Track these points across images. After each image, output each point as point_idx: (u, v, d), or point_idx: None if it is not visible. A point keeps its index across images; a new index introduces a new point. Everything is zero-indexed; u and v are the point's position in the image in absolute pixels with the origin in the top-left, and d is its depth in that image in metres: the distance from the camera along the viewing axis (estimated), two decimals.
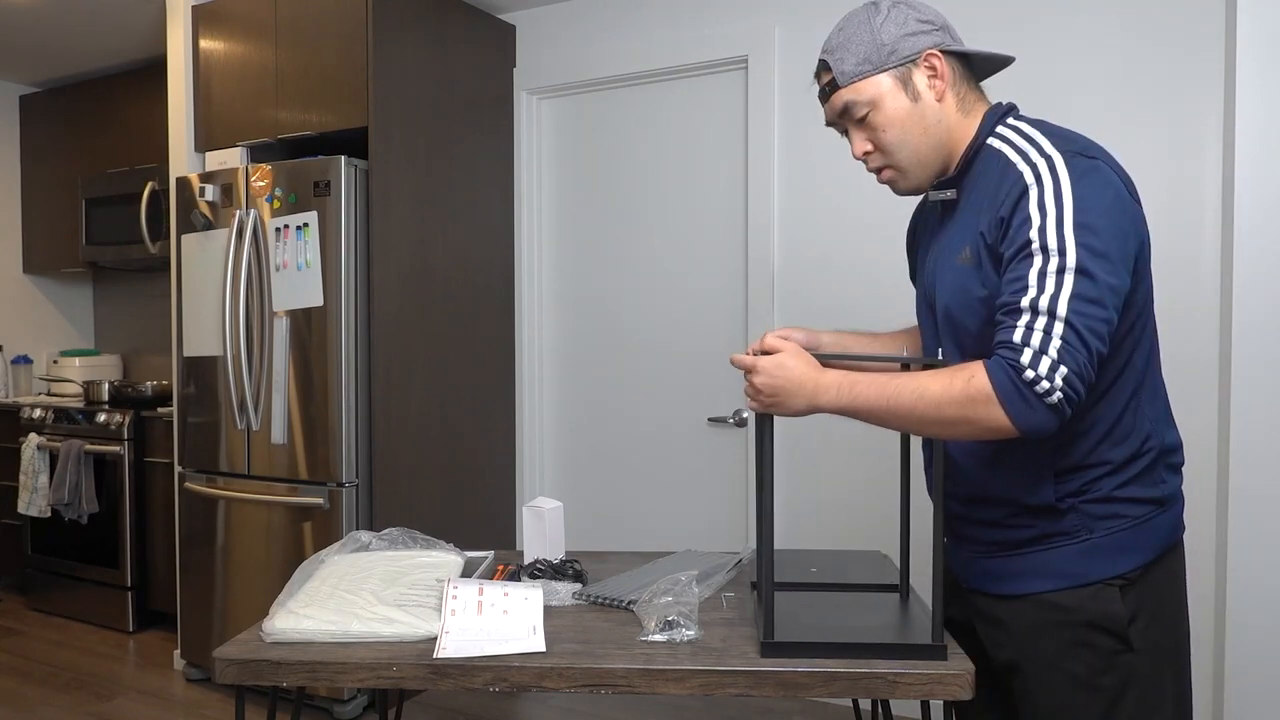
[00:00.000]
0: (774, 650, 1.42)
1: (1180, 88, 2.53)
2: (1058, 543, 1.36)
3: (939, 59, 1.39)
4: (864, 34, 1.40)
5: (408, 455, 3.12)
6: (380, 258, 3.00)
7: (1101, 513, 1.34)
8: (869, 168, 1.48)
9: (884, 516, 2.92)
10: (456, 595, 1.55)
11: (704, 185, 3.26)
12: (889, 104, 1.40)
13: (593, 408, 3.52)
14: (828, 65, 1.44)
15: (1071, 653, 1.34)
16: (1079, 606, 1.34)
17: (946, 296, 1.41)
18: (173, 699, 3.20)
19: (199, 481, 3.25)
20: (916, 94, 1.40)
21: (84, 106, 4.41)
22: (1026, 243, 1.25)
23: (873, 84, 1.40)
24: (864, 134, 1.44)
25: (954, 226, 1.42)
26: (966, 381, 1.24)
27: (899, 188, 1.48)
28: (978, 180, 1.38)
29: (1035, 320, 1.22)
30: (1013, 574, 1.40)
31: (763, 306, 3.10)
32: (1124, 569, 1.34)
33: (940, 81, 1.40)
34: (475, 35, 3.39)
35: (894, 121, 1.40)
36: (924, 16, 1.40)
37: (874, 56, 1.39)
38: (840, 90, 1.42)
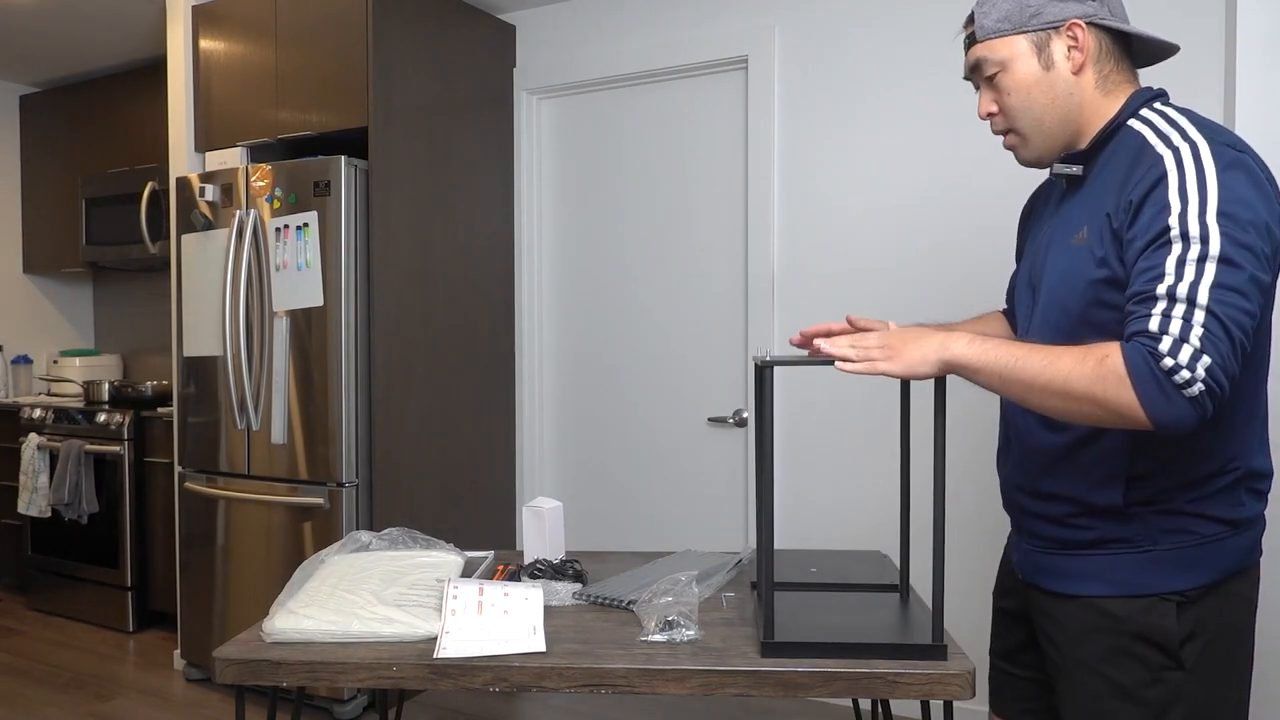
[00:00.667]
0: (774, 650, 1.42)
1: (1180, 88, 2.53)
2: (1117, 549, 1.32)
3: (1083, 30, 1.34)
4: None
5: (408, 455, 3.12)
6: (380, 258, 3.00)
7: (1169, 526, 1.30)
8: (994, 130, 1.45)
9: (884, 516, 2.93)
10: (456, 595, 1.55)
11: (704, 185, 3.26)
12: (1019, 67, 1.37)
13: (593, 407, 3.52)
14: (972, 18, 1.42)
15: (1114, 660, 1.31)
16: (1129, 616, 1.31)
17: (1054, 276, 1.37)
18: (173, 699, 3.20)
19: (199, 481, 3.25)
20: (1051, 62, 1.36)
21: (84, 106, 4.42)
22: (1164, 230, 1.19)
23: (1007, 44, 1.37)
24: (991, 94, 1.42)
25: (1076, 205, 1.37)
26: (1100, 360, 1.18)
27: (1020, 155, 1.45)
28: (1110, 160, 1.33)
29: (1173, 308, 1.16)
30: (1070, 574, 1.38)
31: (762, 306, 3.10)
32: (1184, 586, 1.29)
33: (1080, 53, 1.35)
34: (475, 35, 3.39)
35: (1020, 86, 1.38)
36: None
37: (1015, 16, 1.36)
38: (977, 45, 1.41)
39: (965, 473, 2.75)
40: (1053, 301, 1.37)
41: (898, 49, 2.89)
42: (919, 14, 2.86)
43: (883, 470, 2.94)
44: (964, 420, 2.74)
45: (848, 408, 3.00)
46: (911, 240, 2.89)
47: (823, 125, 3.02)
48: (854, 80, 2.96)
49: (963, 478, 2.78)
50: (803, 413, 3.07)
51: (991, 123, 1.44)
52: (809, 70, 3.03)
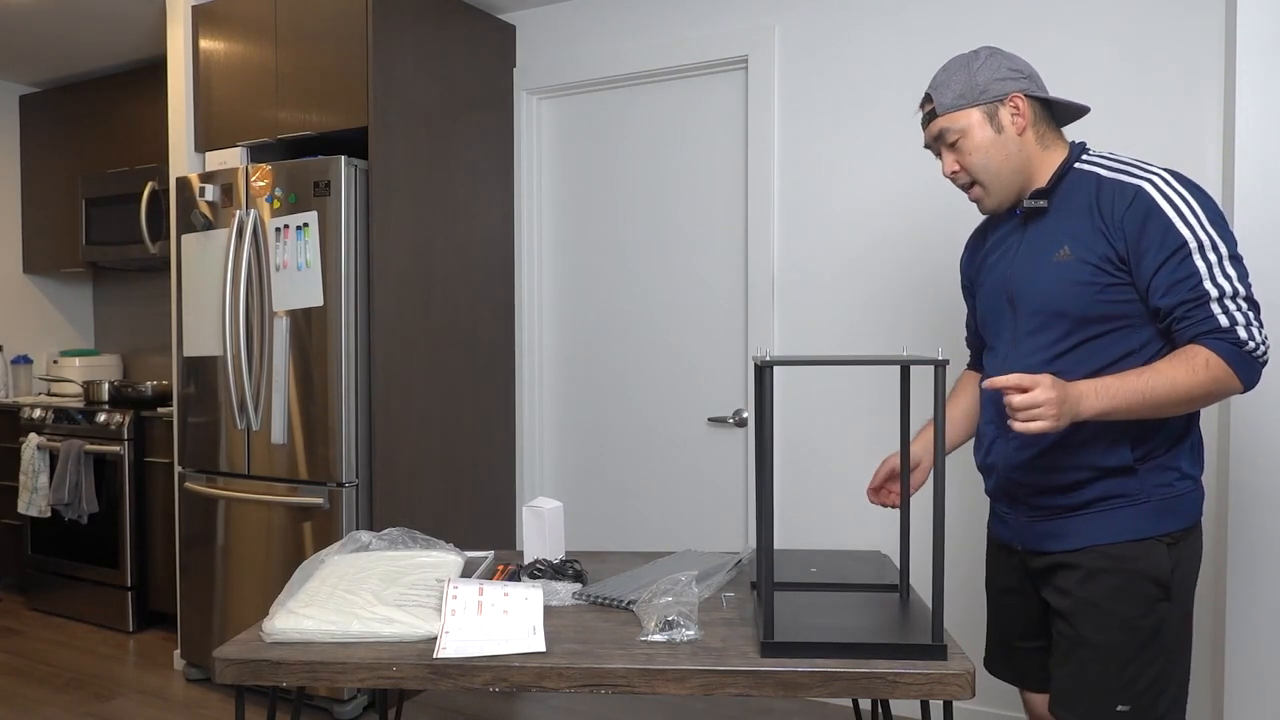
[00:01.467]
0: (774, 650, 1.42)
1: (1180, 88, 2.53)
2: (1119, 504, 1.60)
3: (1022, 100, 1.66)
4: (962, 75, 1.68)
5: (408, 455, 3.12)
6: (380, 258, 3.00)
7: (1158, 480, 1.60)
8: (957, 184, 1.74)
9: (884, 516, 2.93)
10: (456, 595, 1.56)
11: (704, 185, 3.26)
12: (976, 133, 1.67)
13: (593, 407, 3.52)
14: (930, 97, 1.72)
15: (1120, 596, 1.58)
16: (1133, 556, 1.58)
17: (1042, 289, 1.64)
18: (173, 699, 3.20)
19: (199, 481, 3.25)
20: (1001, 127, 1.67)
21: (84, 106, 4.42)
22: (1181, 245, 1.52)
23: (965, 115, 1.68)
24: (954, 156, 1.71)
25: (1042, 231, 1.67)
26: (1206, 365, 1.50)
27: (984, 205, 1.74)
28: (1070, 194, 1.65)
29: (1228, 303, 1.50)
30: (1076, 531, 1.63)
31: (762, 306, 3.10)
32: (1171, 529, 1.59)
33: (1021, 119, 1.66)
34: (475, 35, 3.39)
35: (979, 147, 1.68)
36: (1014, 65, 1.68)
37: (968, 94, 1.67)
38: (938, 119, 1.70)
39: (965, 472, 2.75)
40: (1044, 309, 1.65)
41: (897, 49, 2.89)
42: (918, 14, 2.86)
43: None
44: None
45: (848, 407, 3.00)
46: (911, 240, 2.89)
47: (823, 125, 3.02)
48: (854, 80, 2.96)
49: (962, 477, 2.78)
50: (803, 413, 3.07)
51: (955, 179, 1.73)
52: (809, 70, 3.03)
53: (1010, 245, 1.74)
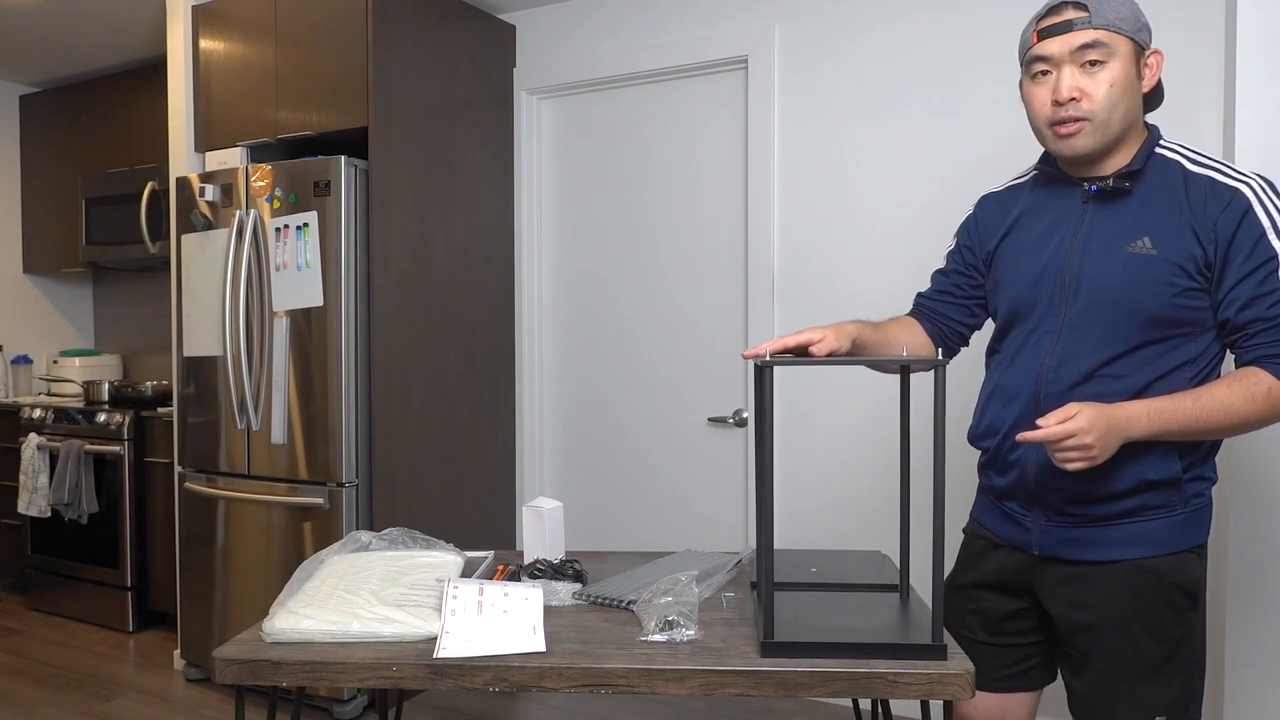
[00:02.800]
0: (774, 650, 1.42)
1: (1181, 88, 2.53)
2: (1154, 515, 1.53)
3: (1158, 59, 1.54)
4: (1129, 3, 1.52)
5: (408, 455, 3.12)
6: (380, 258, 3.00)
7: (1192, 490, 1.54)
8: (1066, 114, 1.52)
9: (884, 516, 2.93)
10: (456, 595, 1.55)
11: (704, 185, 3.26)
12: (1121, 65, 1.49)
13: (593, 407, 3.52)
14: (1083, 4, 1.50)
15: (1155, 610, 1.52)
16: (1169, 570, 1.52)
17: (1114, 279, 1.51)
18: (173, 699, 3.20)
19: (199, 481, 3.25)
20: (1139, 73, 1.52)
21: (84, 106, 4.41)
22: (1270, 258, 1.43)
23: (1123, 41, 1.50)
24: (1084, 78, 1.50)
25: (1119, 217, 1.53)
26: (1267, 392, 1.44)
27: (1078, 142, 1.53)
28: (1153, 182, 1.52)
29: None
30: (1108, 542, 1.55)
31: (763, 306, 3.10)
32: (1203, 539, 1.56)
33: (1152, 79, 1.54)
34: (475, 35, 3.39)
35: (1117, 80, 1.49)
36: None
37: (1130, 21, 1.50)
38: (1092, 28, 1.49)
39: (965, 472, 2.75)
40: (1110, 303, 1.51)
41: (897, 48, 2.89)
42: (919, 14, 2.86)
43: (882, 470, 2.94)
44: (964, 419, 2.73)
45: (847, 407, 3.00)
46: (912, 239, 2.89)
47: (823, 125, 3.02)
48: (854, 80, 2.96)
49: (962, 477, 2.78)
50: (803, 413, 3.07)
51: (1071, 105, 1.51)
52: (809, 70, 3.03)
53: (1067, 223, 1.58)
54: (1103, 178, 1.54)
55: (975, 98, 2.77)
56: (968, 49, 2.79)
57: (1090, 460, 1.41)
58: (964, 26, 2.79)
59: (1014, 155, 2.75)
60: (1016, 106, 2.69)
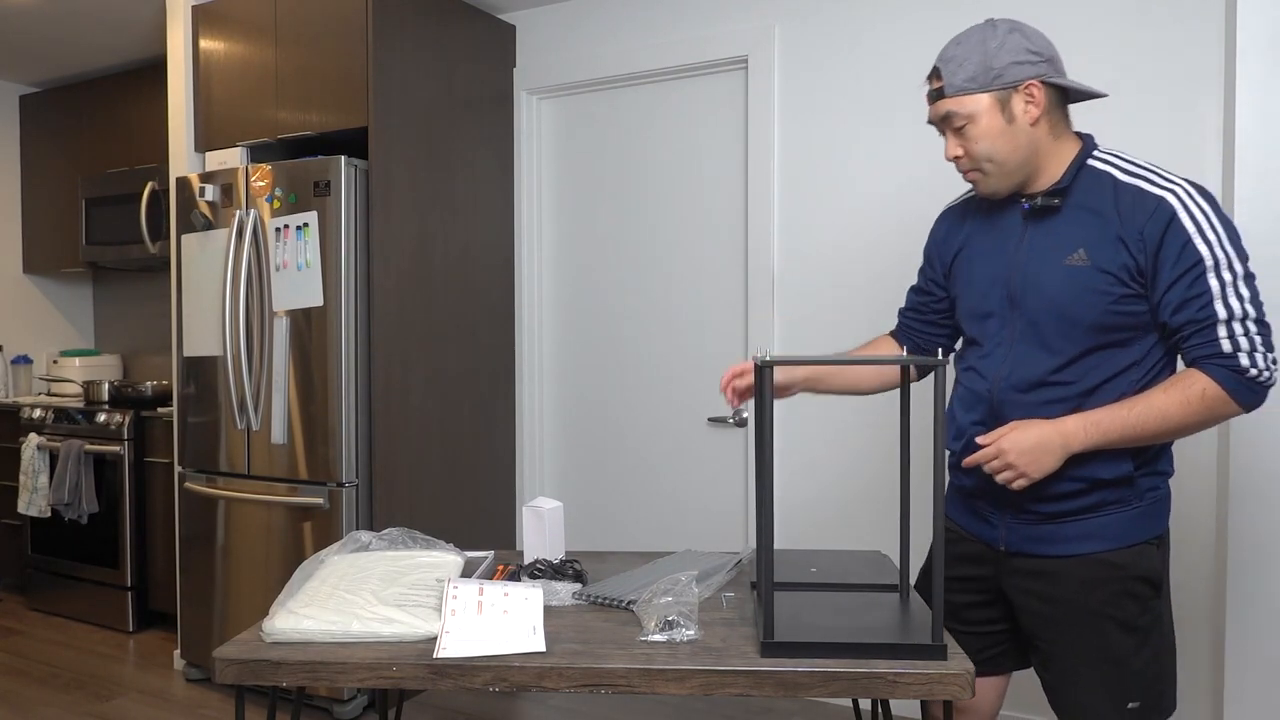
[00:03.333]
0: (774, 650, 1.42)
1: (1180, 87, 2.53)
2: (1110, 510, 1.58)
3: (1038, 88, 1.54)
4: (977, 54, 1.55)
5: (408, 455, 3.12)
6: (380, 258, 3.00)
7: (1146, 485, 1.59)
8: (959, 168, 1.65)
9: (884, 516, 2.93)
10: (456, 595, 1.55)
11: (704, 185, 3.26)
12: (985, 121, 1.56)
13: (593, 408, 3.52)
14: (939, 72, 1.60)
15: (1118, 601, 1.57)
16: (1128, 563, 1.58)
17: (1053, 291, 1.57)
18: (173, 699, 3.20)
19: (199, 481, 3.25)
20: (1012, 116, 1.55)
21: (84, 106, 4.41)
22: (1197, 261, 1.47)
23: (974, 100, 1.56)
24: (959, 141, 1.61)
25: (1054, 231, 1.58)
26: (1201, 394, 1.48)
27: (981, 188, 1.65)
28: (1084, 195, 1.57)
29: (1235, 325, 1.47)
30: (1069, 538, 1.60)
31: (763, 306, 3.10)
32: (1159, 530, 1.61)
33: (1036, 108, 1.55)
34: (475, 35, 3.39)
35: (986, 136, 1.57)
36: (1034, 47, 1.55)
37: (981, 77, 1.55)
38: (946, 99, 1.58)
39: None
40: (1052, 314, 1.57)
41: (897, 48, 2.89)
42: (918, 13, 2.86)
43: (882, 470, 2.94)
44: None
45: (847, 407, 3.00)
46: (912, 240, 2.88)
47: (823, 125, 3.02)
48: (854, 80, 2.96)
49: None
50: (802, 412, 3.07)
51: (957, 164, 1.63)
52: (809, 70, 3.03)
53: (1010, 238, 1.65)
54: (1032, 196, 1.61)
55: None
56: None
57: (1024, 477, 1.51)
58: (963, 26, 2.79)
59: None
60: None
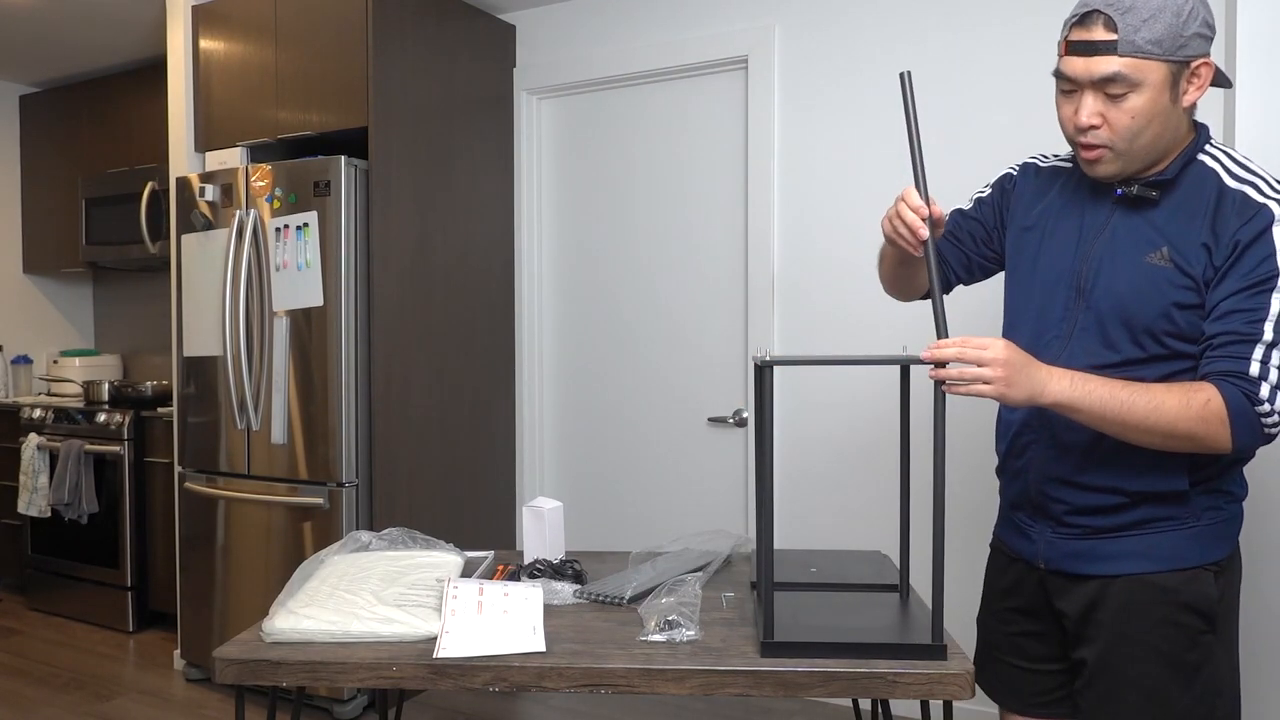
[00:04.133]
0: (774, 650, 1.42)
1: None
2: (1164, 527, 1.42)
3: (1208, 69, 1.36)
4: (1169, 13, 1.31)
5: (408, 455, 3.12)
6: (380, 258, 3.00)
7: (1208, 503, 1.43)
8: (1086, 140, 1.40)
9: (884, 516, 2.92)
10: (456, 595, 1.55)
11: (704, 185, 3.26)
12: (1152, 93, 1.34)
13: (593, 407, 3.52)
14: (1113, 23, 1.32)
15: (1162, 630, 1.41)
16: (1178, 588, 1.41)
17: (1122, 288, 1.41)
18: (173, 699, 3.20)
19: (199, 481, 3.25)
20: (1176, 95, 1.35)
21: (84, 106, 4.41)
22: (1271, 277, 1.30)
23: (1152, 68, 1.32)
24: (1104, 107, 1.37)
25: (1144, 223, 1.41)
26: (1204, 404, 1.30)
27: (1097, 170, 1.44)
28: (1187, 190, 1.40)
29: (1275, 355, 1.30)
30: (1111, 555, 1.45)
31: (763, 306, 3.10)
32: (1219, 556, 1.43)
33: (1198, 92, 1.37)
34: (475, 35, 3.39)
35: (1145, 112, 1.35)
36: (1211, 20, 1.36)
37: (1167, 41, 1.31)
38: (1118, 55, 1.32)
39: (965, 472, 2.75)
40: (1116, 310, 1.42)
41: (898, 48, 2.89)
42: (919, 14, 2.86)
43: (882, 470, 2.94)
44: (964, 419, 2.73)
45: (847, 407, 3.00)
46: None
47: (823, 125, 3.02)
48: (854, 80, 2.96)
49: (963, 477, 2.78)
50: (802, 412, 3.07)
51: (1088, 135, 1.40)
52: (809, 70, 3.03)
53: (1092, 225, 1.47)
54: (1129, 182, 1.43)
55: (975, 97, 2.77)
56: (968, 48, 2.79)
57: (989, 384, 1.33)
58: (963, 25, 2.79)
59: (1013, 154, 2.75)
60: (1016, 106, 2.70)
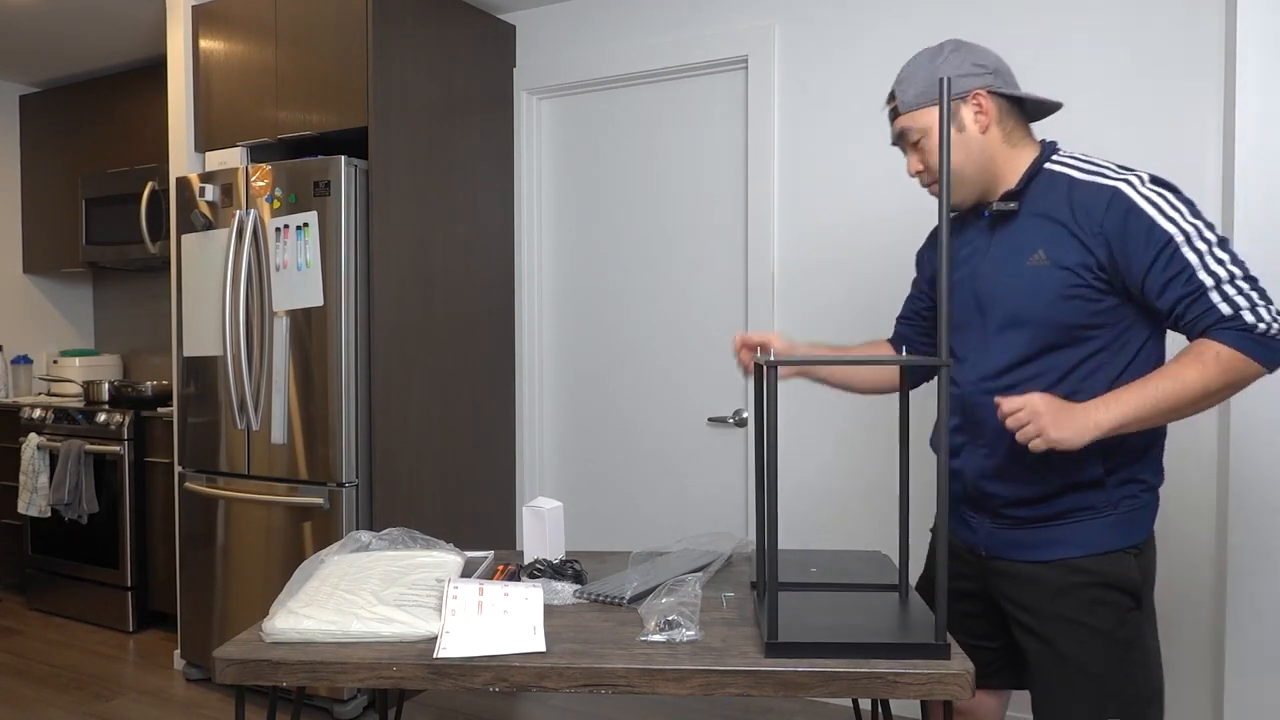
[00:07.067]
0: (777, 650, 1.42)
1: (1181, 87, 2.53)
2: (1084, 517, 1.59)
3: (985, 98, 1.61)
4: (924, 71, 1.63)
5: (408, 455, 3.12)
6: (380, 258, 3.00)
7: (1123, 492, 1.58)
8: (922, 184, 1.70)
9: (884, 516, 2.93)
10: (456, 595, 1.55)
11: (704, 185, 3.26)
12: (937, 133, 1.61)
13: (593, 407, 3.52)
14: (893, 94, 1.68)
15: (1092, 609, 1.57)
16: (1102, 570, 1.57)
17: (1015, 293, 1.60)
18: (173, 699, 3.20)
19: (199, 481, 3.25)
20: (962, 125, 1.62)
21: (84, 106, 4.41)
22: (1167, 240, 1.47)
23: (926, 114, 1.63)
24: (916, 155, 1.67)
25: (1015, 235, 1.62)
26: (1216, 358, 1.44)
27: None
28: (1041, 196, 1.60)
29: (1227, 288, 1.45)
30: (1043, 543, 1.62)
31: (763, 306, 3.10)
32: (1136, 540, 1.59)
33: (985, 116, 1.61)
34: (475, 35, 3.39)
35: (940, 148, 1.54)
36: (979, 60, 1.62)
37: (930, 91, 1.62)
38: (900, 116, 1.66)
39: None
40: (1014, 313, 1.60)
41: (897, 48, 2.89)
42: (918, 13, 2.86)
43: (882, 470, 2.94)
44: None
45: (847, 407, 3.00)
46: (912, 240, 2.88)
47: (823, 125, 3.02)
48: (854, 80, 2.96)
49: None
50: (802, 412, 3.07)
51: (920, 178, 1.69)
52: (809, 70, 3.03)
53: (978, 248, 1.69)
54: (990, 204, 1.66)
55: None
56: None
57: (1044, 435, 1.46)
58: (963, 25, 2.79)
59: None
60: None
